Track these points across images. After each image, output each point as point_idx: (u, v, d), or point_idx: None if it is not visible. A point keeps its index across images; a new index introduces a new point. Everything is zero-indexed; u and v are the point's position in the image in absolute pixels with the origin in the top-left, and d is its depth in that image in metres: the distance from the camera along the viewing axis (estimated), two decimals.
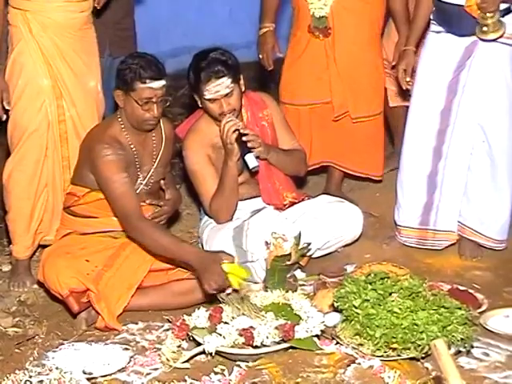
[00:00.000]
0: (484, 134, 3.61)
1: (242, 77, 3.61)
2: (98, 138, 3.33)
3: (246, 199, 3.69)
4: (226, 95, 3.51)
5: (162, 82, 3.30)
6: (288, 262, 3.36)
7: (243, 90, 3.63)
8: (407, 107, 4.43)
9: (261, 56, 4.21)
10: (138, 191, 3.41)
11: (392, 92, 4.50)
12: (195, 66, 3.55)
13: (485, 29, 3.43)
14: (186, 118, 3.98)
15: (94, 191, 3.35)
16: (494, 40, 3.46)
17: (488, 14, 3.39)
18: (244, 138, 3.50)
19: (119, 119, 3.37)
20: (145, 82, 3.25)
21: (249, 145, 3.51)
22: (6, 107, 3.42)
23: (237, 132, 3.49)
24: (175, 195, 3.57)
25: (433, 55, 3.64)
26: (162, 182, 3.53)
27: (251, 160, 3.51)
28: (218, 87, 3.50)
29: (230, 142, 3.50)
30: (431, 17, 3.64)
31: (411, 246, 3.85)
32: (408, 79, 3.74)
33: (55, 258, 3.25)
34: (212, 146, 3.65)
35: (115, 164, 3.26)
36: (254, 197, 3.72)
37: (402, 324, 2.80)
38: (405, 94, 4.45)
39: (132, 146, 3.37)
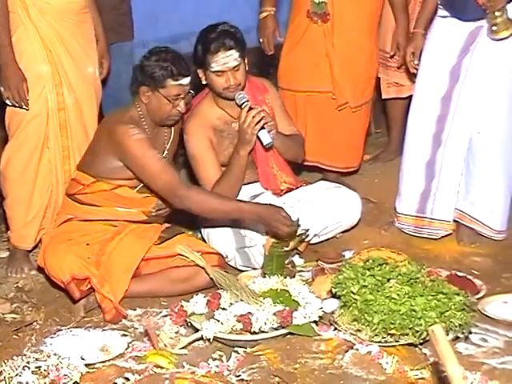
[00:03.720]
0: (481, 123, 3.59)
1: (246, 57, 3.59)
2: (119, 120, 3.33)
3: (244, 184, 3.69)
4: (234, 68, 3.51)
5: (189, 78, 3.32)
6: (286, 248, 3.36)
7: (247, 69, 3.62)
8: (403, 99, 4.47)
9: (261, 40, 4.20)
10: None
11: (384, 83, 4.49)
12: (204, 38, 3.54)
13: (494, 28, 3.40)
14: None
15: (99, 181, 3.35)
16: (505, 38, 3.43)
17: (496, 13, 3.37)
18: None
19: (138, 109, 3.36)
20: (177, 80, 3.26)
21: (262, 121, 3.49)
22: (26, 97, 3.41)
23: (261, 123, 3.47)
24: None
25: (438, 40, 3.63)
26: None
27: (265, 136, 3.50)
28: (227, 59, 3.49)
29: (251, 133, 3.48)
30: (438, 1, 3.62)
31: (409, 234, 3.85)
32: (416, 62, 3.73)
33: (56, 245, 3.24)
34: (213, 129, 3.64)
35: (145, 141, 3.26)
36: (253, 182, 3.72)
37: (400, 310, 2.81)
38: (398, 86, 4.46)
39: (149, 134, 3.35)
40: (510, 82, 3.56)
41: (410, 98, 3.97)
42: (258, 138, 3.52)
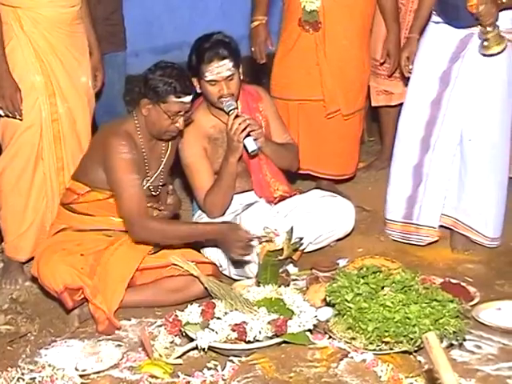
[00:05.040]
0: (472, 130, 3.61)
1: (241, 66, 3.60)
2: (114, 131, 3.32)
3: (238, 193, 3.69)
4: (227, 78, 3.51)
5: (191, 96, 3.31)
6: (280, 257, 3.36)
7: (241, 78, 3.63)
8: (392, 107, 4.48)
9: (253, 49, 4.22)
10: None
11: (374, 91, 4.50)
12: (198, 48, 3.55)
13: (485, 43, 3.42)
14: None
15: (94, 191, 3.34)
16: (496, 54, 3.45)
17: (488, 29, 3.38)
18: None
19: (136, 121, 3.35)
20: (179, 97, 3.25)
21: (248, 128, 3.51)
22: (20, 107, 3.41)
23: (247, 130, 3.49)
24: (176, 200, 3.58)
25: (430, 45, 3.66)
26: (170, 187, 3.54)
27: (250, 143, 3.52)
28: (220, 68, 3.50)
29: (237, 140, 3.50)
30: (433, 7, 3.64)
31: (397, 241, 3.85)
32: (411, 67, 3.74)
33: (50, 255, 3.24)
34: (208, 137, 3.65)
35: (129, 164, 3.25)
36: (247, 191, 3.72)
37: (394, 318, 2.81)
38: (387, 94, 4.48)
39: (143, 148, 3.36)
40: (500, 89, 3.57)
41: (401, 105, 3.98)
42: (243, 145, 3.54)
